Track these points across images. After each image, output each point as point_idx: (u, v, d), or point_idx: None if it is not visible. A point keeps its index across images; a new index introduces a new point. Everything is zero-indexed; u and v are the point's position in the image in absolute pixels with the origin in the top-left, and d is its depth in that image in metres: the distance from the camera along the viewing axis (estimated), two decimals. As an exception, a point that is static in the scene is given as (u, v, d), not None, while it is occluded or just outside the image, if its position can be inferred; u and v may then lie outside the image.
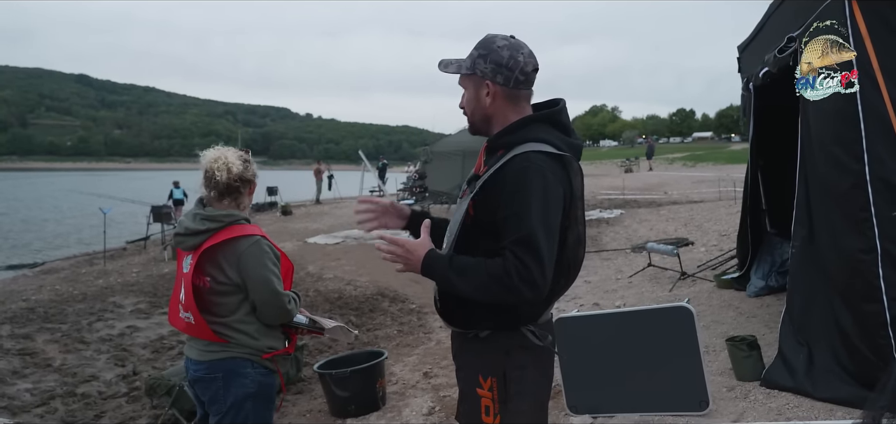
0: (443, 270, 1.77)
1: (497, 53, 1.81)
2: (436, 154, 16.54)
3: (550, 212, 1.72)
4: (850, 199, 3.27)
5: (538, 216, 1.69)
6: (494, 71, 1.81)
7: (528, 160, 1.72)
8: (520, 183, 1.71)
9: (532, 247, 1.67)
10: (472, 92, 1.87)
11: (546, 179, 1.72)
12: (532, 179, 1.70)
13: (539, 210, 1.69)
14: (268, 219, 18.51)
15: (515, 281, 1.67)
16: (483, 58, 1.82)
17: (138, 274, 10.50)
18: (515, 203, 1.70)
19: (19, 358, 5.94)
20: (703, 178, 26.57)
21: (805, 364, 3.53)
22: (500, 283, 1.69)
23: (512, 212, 1.71)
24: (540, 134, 1.79)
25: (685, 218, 12.24)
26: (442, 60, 1.89)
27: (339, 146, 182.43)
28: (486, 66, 1.81)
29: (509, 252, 1.69)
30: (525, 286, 1.67)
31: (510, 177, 1.72)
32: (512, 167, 1.73)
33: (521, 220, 1.69)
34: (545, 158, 1.74)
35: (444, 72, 1.88)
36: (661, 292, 6.51)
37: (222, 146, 2.60)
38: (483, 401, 1.83)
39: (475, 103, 1.86)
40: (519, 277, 1.67)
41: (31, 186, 50.19)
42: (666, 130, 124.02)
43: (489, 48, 1.82)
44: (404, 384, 4.91)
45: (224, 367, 2.44)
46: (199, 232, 2.44)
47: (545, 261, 1.69)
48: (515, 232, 1.69)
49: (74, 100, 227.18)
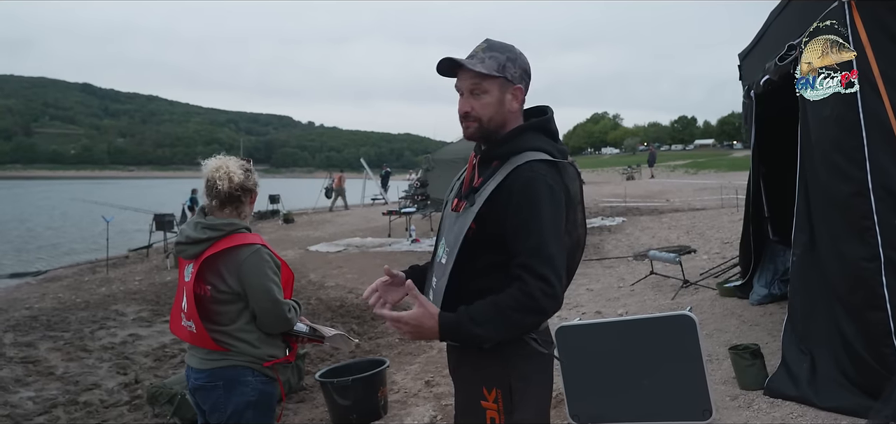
0: (464, 328, 1.68)
1: (523, 60, 1.81)
2: (437, 162, 16.51)
3: (558, 221, 1.72)
4: (853, 207, 3.26)
5: (549, 227, 1.68)
6: (522, 76, 1.80)
7: (533, 170, 1.71)
8: (528, 194, 1.69)
9: (549, 261, 1.66)
10: (496, 96, 1.77)
11: (551, 188, 1.71)
12: (540, 190, 1.69)
13: (549, 221, 1.69)
14: (270, 227, 18.53)
15: (541, 301, 1.65)
16: (512, 62, 1.78)
17: (141, 282, 10.50)
18: (523, 214, 1.68)
19: (22, 366, 5.94)
20: (705, 186, 26.54)
21: (808, 373, 3.51)
22: (527, 310, 1.66)
23: (521, 224, 1.68)
24: (536, 143, 1.78)
25: (687, 226, 12.21)
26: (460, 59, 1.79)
27: (341, 154, 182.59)
28: (516, 70, 1.79)
29: (527, 272, 1.65)
30: (549, 301, 1.66)
31: (517, 189, 1.70)
32: (518, 178, 1.71)
33: (532, 234, 1.67)
34: (547, 167, 1.74)
35: (469, 68, 1.75)
36: (664, 300, 6.49)
37: (224, 155, 2.62)
38: (488, 413, 1.79)
39: (497, 108, 1.78)
40: (543, 294, 1.65)
41: (34, 195, 50.30)
42: (668, 137, 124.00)
43: (514, 53, 1.80)
44: (406, 392, 4.89)
45: (225, 375, 2.45)
46: (200, 240, 2.45)
47: (561, 272, 1.69)
48: (529, 246, 1.67)
49: (78, 108, 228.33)
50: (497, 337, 1.71)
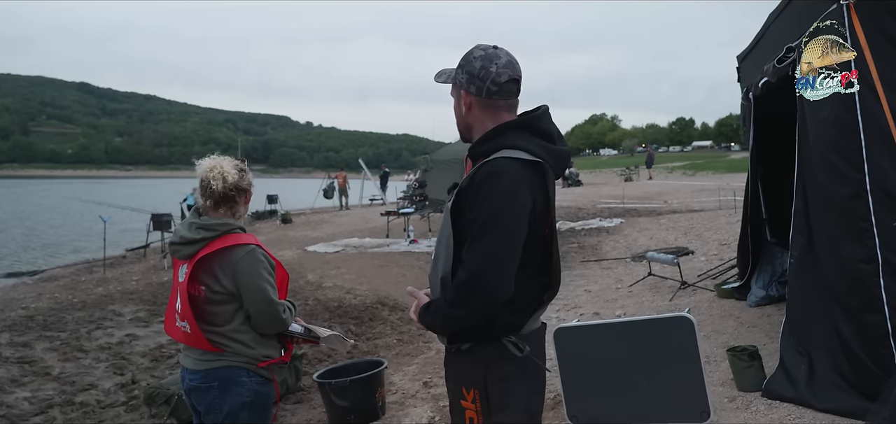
0: (423, 318, 1.85)
1: (470, 64, 1.85)
2: (436, 162, 16.53)
3: (509, 216, 1.70)
4: (851, 209, 3.26)
5: (494, 220, 1.69)
6: (468, 81, 1.86)
7: (494, 166, 1.74)
8: (483, 189, 1.72)
9: (481, 253, 1.68)
10: (455, 101, 1.94)
11: (511, 184, 1.71)
12: (494, 184, 1.71)
13: (495, 214, 1.69)
14: (268, 227, 18.51)
15: (466, 293, 1.69)
16: (461, 68, 1.88)
17: (138, 282, 10.47)
18: (475, 209, 1.72)
19: (18, 367, 5.92)
20: (702, 187, 26.57)
21: (806, 375, 3.51)
22: (454, 303, 1.73)
23: (473, 217, 1.72)
24: (516, 141, 1.79)
25: (685, 228, 12.22)
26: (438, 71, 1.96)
27: (340, 154, 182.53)
28: (462, 76, 1.87)
29: (461, 265, 1.71)
30: (476, 294, 1.68)
31: (476, 185, 1.74)
32: (479, 174, 1.75)
33: (476, 227, 1.70)
34: (515, 164, 1.74)
35: (436, 82, 1.97)
36: (662, 301, 6.49)
37: (219, 155, 2.60)
38: (467, 413, 1.83)
39: (457, 112, 1.94)
40: (468, 287, 1.69)
41: (31, 194, 50.21)
42: (665, 139, 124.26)
43: (466, 59, 1.87)
44: (404, 393, 4.88)
45: (220, 376, 2.43)
46: (194, 240, 2.44)
47: (497, 264, 1.69)
48: (471, 239, 1.71)
49: (76, 107, 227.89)
50: (440, 329, 1.85)
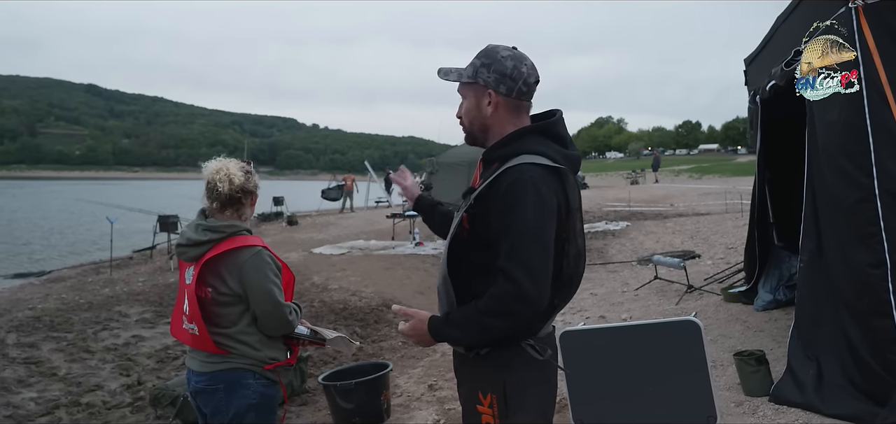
0: (445, 329, 1.78)
1: (501, 63, 1.80)
2: (441, 165, 16.53)
3: (543, 224, 1.69)
4: (859, 213, 3.24)
5: (529, 229, 1.67)
6: (498, 80, 1.80)
7: (520, 172, 1.71)
8: (511, 196, 1.69)
9: (523, 263, 1.65)
10: (472, 101, 1.86)
11: (538, 191, 1.69)
12: (523, 192, 1.68)
13: (530, 223, 1.67)
14: (274, 229, 18.54)
15: (510, 305, 1.66)
16: (486, 67, 1.81)
17: (144, 284, 10.51)
18: (507, 217, 1.69)
19: (24, 367, 5.94)
20: (709, 191, 26.46)
21: (814, 380, 3.49)
22: (495, 313, 1.68)
23: (503, 226, 1.69)
24: (535, 146, 1.77)
25: (691, 231, 12.17)
26: (442, 68, 1.89)
27: (345, 156, 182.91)
28: (490, 75, 1.80)
29: (500, 275, 1.67)
30: (520, 305, 1.65)
31: (502, 190, 1.71)
32: (504, 180, 1.72)
33: (510, 236, 1.67)
34: (539, 170, 1.72)
35: (444, 79, 1.88)
36: (668, 305, 6.46)
37: (225, 157, 2.61)
38: (484, 418, 1.80)
39: (475, 113, 1.86)
40: (512, 298, 1.65)
41: (39, 195, 50.50)
42: (672, 142, 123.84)
43: (493, 57, 1.81)
44: (409, 396, 4.88)
45: (226, 378, 2.44)
46: (200, 242, 2.44)
47: (538, 274, 1.67)
48: (507, 248, 1.67)
49: (83, 109, 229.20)
50: (470, 340, 1.78)
